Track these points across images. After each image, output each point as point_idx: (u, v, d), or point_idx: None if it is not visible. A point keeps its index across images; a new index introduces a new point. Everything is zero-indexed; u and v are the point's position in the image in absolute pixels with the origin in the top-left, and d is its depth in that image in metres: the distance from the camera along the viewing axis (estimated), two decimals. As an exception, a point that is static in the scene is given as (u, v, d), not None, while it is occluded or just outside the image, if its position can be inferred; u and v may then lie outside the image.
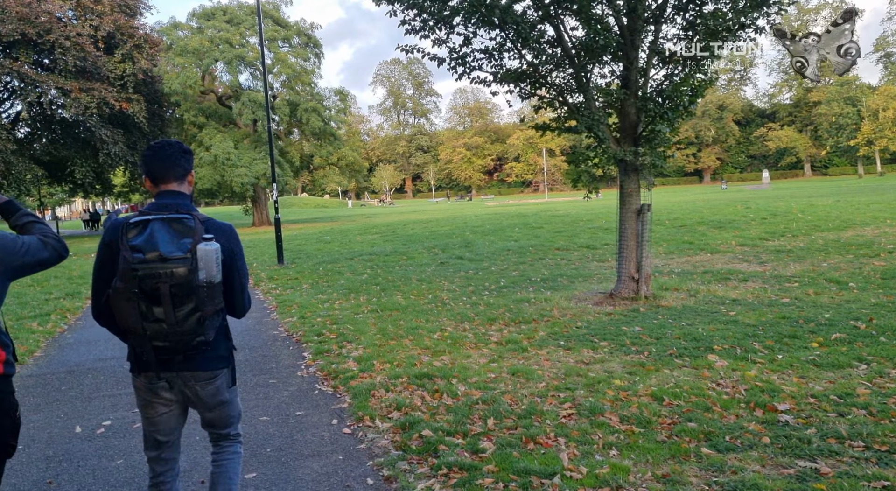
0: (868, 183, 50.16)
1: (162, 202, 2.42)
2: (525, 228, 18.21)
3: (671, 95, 7.71)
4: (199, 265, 2.26)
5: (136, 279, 2.24)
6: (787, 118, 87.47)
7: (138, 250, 2.24)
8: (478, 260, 13.37)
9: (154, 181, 2.49)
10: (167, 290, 2.24)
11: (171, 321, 2.28)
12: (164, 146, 2.51)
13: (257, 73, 40.64)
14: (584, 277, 10.52)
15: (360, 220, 34.80)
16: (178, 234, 2.29)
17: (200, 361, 2.46)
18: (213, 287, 2.31)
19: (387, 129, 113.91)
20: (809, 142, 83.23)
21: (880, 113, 66.00)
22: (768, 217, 16.22)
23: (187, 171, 2.53)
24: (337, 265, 14.03)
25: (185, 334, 2.32)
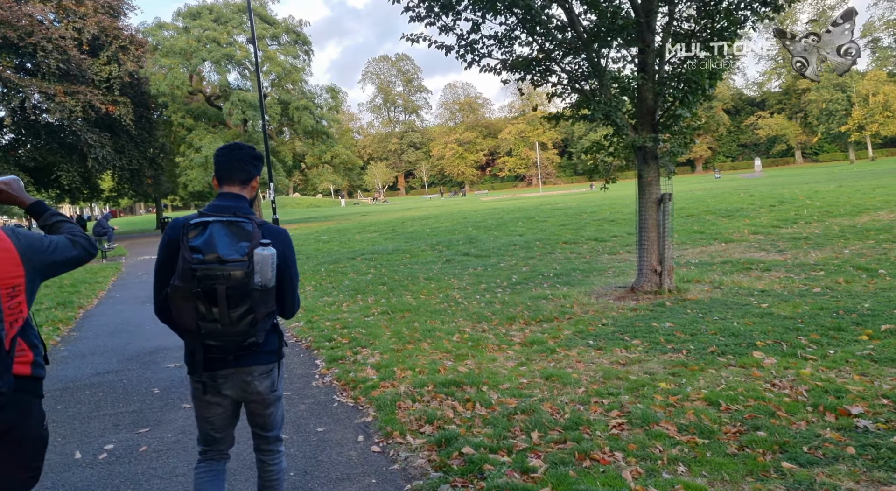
0: (861, 168, 50.07)
1: (222, 204, 2.46)
2: (529, 222, 17.84)
3: (691, 78, 7.34)
4: (256, 269, 2.30)
5: (194, 279, 2.28)
6: (776, 106, 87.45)
7: (198, 251, 2.28)
8: (485, 256, 12.99)
9: (220, 182, 2.55)
10: (224, 291, 2.28)
11: (225, 321, 2.32)
12: (235, 149, 2.55)
13: (246, 72, 40.09)
14: (599, 270, 10.16)
15: (356, 219, 34.34)
16: (237, 238, 2.33)
17: (255, 357, 2.52)
18: (267, 291, 2.37)
19: (377, 126, 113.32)
20: (799, 129, 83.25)
21: (870, 98, 66.03)
22: (776, 204, 15.91)
23: (252, 177, 2.58)
24: (339, 265, 13.62)
25: (237, 335, 2.37)
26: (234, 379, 2.52)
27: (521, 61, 8.02)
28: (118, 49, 32.76)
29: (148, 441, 4.56)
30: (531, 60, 8.02)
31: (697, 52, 7.49)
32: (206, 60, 37.14)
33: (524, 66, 8.03)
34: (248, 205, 2.57)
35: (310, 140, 39.45)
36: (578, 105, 8.08)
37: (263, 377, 2.56)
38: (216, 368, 2.49)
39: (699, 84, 7.34)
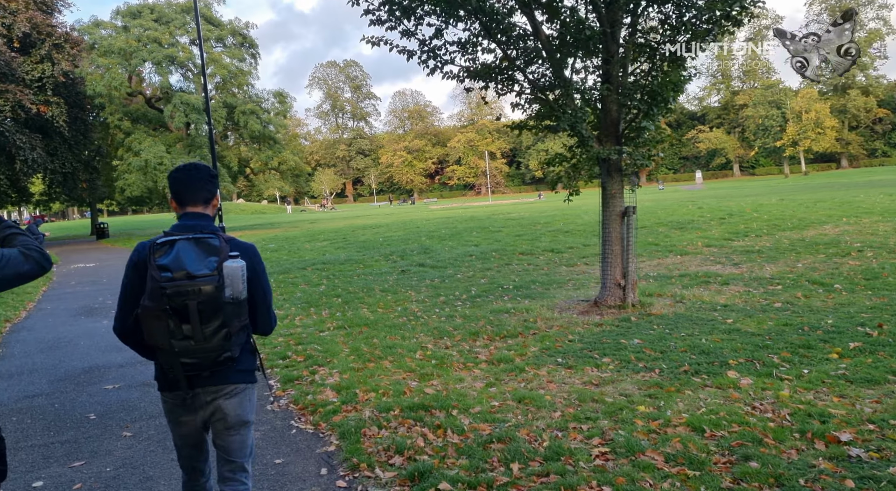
0: (795, 182, 52.23)
1: (187, 223, 2.49)
2: (483, 232, 17.70)
3: (655, 90, 7.28)
4: (226, 282, 2.32)
5: (164, 297, 2.28)
6: (716, 120, 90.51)
7: (166, 269, 2.29)
8: (441, 267, 12.74)
9: (181, 203, 2.56)
10: (195, 306, 2.29)
11: (198, 338, 2.32)
12: (193, 169, 2.59)
13: (189, 74, 38.94)
14: (558, 283, 10.03)
15: (304, 226, 33.60)
16: (205, 253, 2.35)
17: (226, 375, 2.50)
18: (239, 304, 2.38)
19: (325, 132, 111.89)
20: (737, 143, 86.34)
21: (803, 115, 68.98)
22: (726, 217, 16.22)
23: (213, 196, 2.62)
24: (289, 276, 13.13)
25: (212, 351, 2.36)
26: (203, 397, 2.51)
27: (485, 69, 7.83)
28: (52, 47, 31.19)
29: (83, 477, 4.11)
30: (494, 68, 7.83)
31: (661, 64, 7.45)
32: (147, 61, 35.91)
33: (487, 74, 7.84)
34: (213, 221, 2.59)
35: (256, 145, 38.53)
36: (542, 115, 7.93)
37: (230, 396, 2.53)
38: (190, 386, 2.47)
39: (664, 96, 7.30)
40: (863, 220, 13.60)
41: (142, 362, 7.00)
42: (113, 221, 49.91)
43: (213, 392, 2.50)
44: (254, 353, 2.65)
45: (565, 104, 7.42)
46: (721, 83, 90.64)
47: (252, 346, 2.64)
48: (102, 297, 12.59)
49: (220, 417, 2.55)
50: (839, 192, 24.33)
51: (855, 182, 38.90)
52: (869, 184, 33.10)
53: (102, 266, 19.23)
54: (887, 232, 11.81)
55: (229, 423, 2.56)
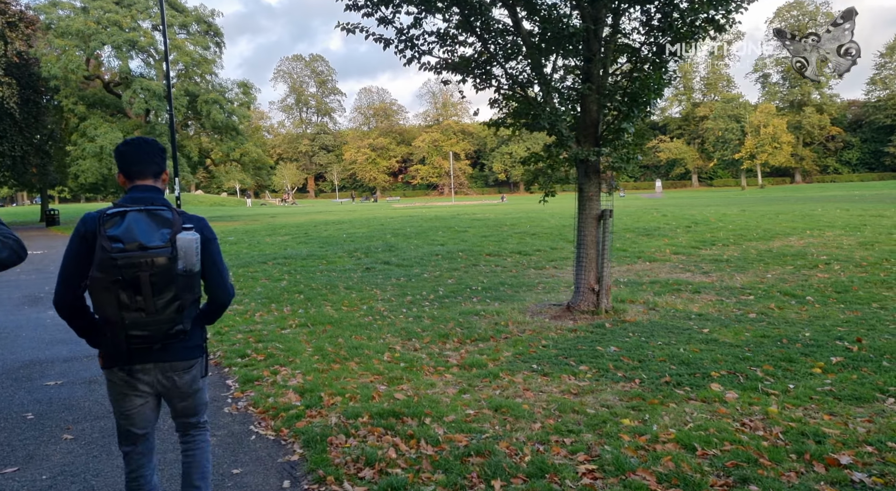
0: (752, 194, 53.42)
1: (137, 196, 2.44)
2: (449, 232, 17.42)
3: (637, 92, 7.12)
4: (180, 254, 2.31)
5: (115, 268, 2.25)
6: (676, 131, 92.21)
7: (117, 240, 2.26)
8: (406, 266, 12.42)
9: (130, 176, 2.52)
10: (147, 278, 2.27)
11: (150, 310, 2.32)
12: (143, 143, 2.56)
13: (151, 60, 37.75)
14: (527, 286, 9.82)
15: (264, 220, 32.84)
16: (158, 225, 2.33)
17: (178, 351, 2.52)
18: (192, 276, 2.38)
19: (288, 126, 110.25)
20: (697, 154, 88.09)
21: (761, 129, 70.70)
22: (691, 225, 16.29)
23: (162, 170, 2.59)
24: (249, 270, 12.64)
25: (164, 323, 2.36)
26: (155, 373, 2.51)
27: (463, 62, 7.55)
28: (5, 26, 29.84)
29: (14, 486, 3.69)
30: (473, 61, 7.57)
31: (643, 65, 7.29)
32: (107, 44, 34.61)
33: (465, 67, 7.57)
34: (163, 196, 2.54)
35: (218, 136, 37.54)
36: (519, 112, 7.70)
37: (184, 372, 2.57)
38: (138, 360, 2.47)
39: (646, 98, 7.14)
40: (826, 234, 13.77)
41: (89, 356, 6.52)
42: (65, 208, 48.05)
43: (166, 368, 2.52)
44: (202, 328, 2.67)
45: (545, 102, 7.20)
46: (682, 95, 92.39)
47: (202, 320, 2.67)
48: (49, 286, 11.90)
49: (176, 392, 2.60)
50: (797, 206, 24.83)
51: (810, 196, 39.92)
52: (823, 198, 33.96)
53: (50, 254, 18.34)
54: (851, 246, 11.94)
55: (185, 395, 2.64)
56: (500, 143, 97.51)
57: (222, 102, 36.05)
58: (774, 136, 68.29)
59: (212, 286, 2.61)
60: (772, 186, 74.64)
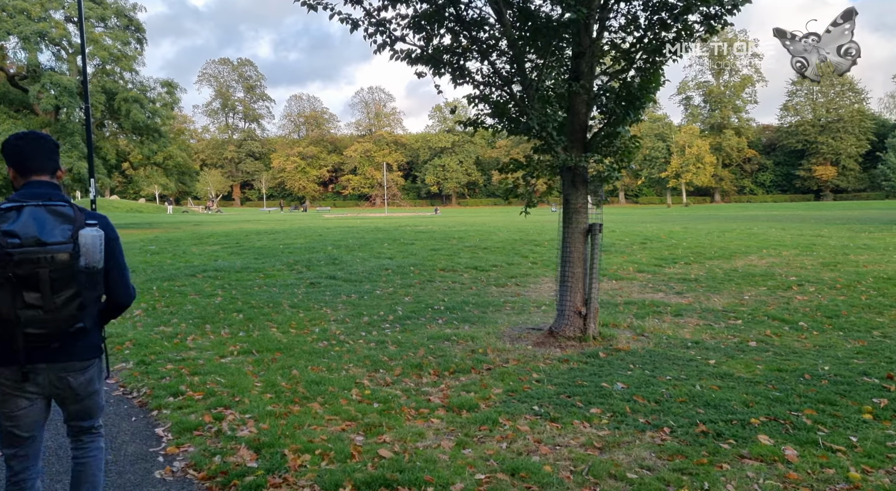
0: (679, 212, 54.82)
1: (34, 191, 2.35)
2: (395, 245, 16.41)
3: (633, 93, 6.43)
4: (82, 251, 2.25)
5: (11, 264, 2.18)
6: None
7: (13, 235, 2.20)
8: (355, 281, 11.35)
9: (24, 172, 2.42)
10: (46, 275, 2.21)
11: (49, 307, 2.24)
12: (39, 138, 2.46)
13: (63, 53, 35.07)
14: (494, 306, 8.97)
15: (188, 228, 30.80)
16: (58, 221, 2.26)
17: (75, 351, 2.42)
18: (94, 273, 2.33)
19: (213, 131, 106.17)
20: (623, 172, 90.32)
21: (686, 149, 73.18)
22: (645, 242, 15.92)
23: (58, 166, 2.50)
24: (176, 283, 11.24)
25: (63, 321, 2.28)
26: (49, 374, 2.40)
27: (437, 52, 6.66)
28: None
29: None
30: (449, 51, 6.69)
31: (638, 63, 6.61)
32: (12, 34, 31.81)
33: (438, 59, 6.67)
34: (62, 192, 2.45)
35: (138, 137, 35.10)
36: (500, 112, 6.86)
37: (80, 373, 2.47)
38: (32, 360, 2.34)
39: (641, 99, 6.46)
40: (783, 253, 13.60)
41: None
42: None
43: (60, 368, 2.41)
44: (102, 326, 2.59)
45: (530, 101, 6.40)
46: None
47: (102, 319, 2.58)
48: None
49: (70, 393, 2.48)
50: (734, 224, 25.18)
51: (735, 215, 41.16)
52: (749, 218, 34.94)
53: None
54: (815, 266, 11.72)
55: (79, 397, 2.52)
56: (433, 155, 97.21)
57: (143, 102, 33.75)
58: (698, 156, 70.82)
59: (113, 286, 2.52)
60: (695, 205, 77.30)
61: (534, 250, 14.83)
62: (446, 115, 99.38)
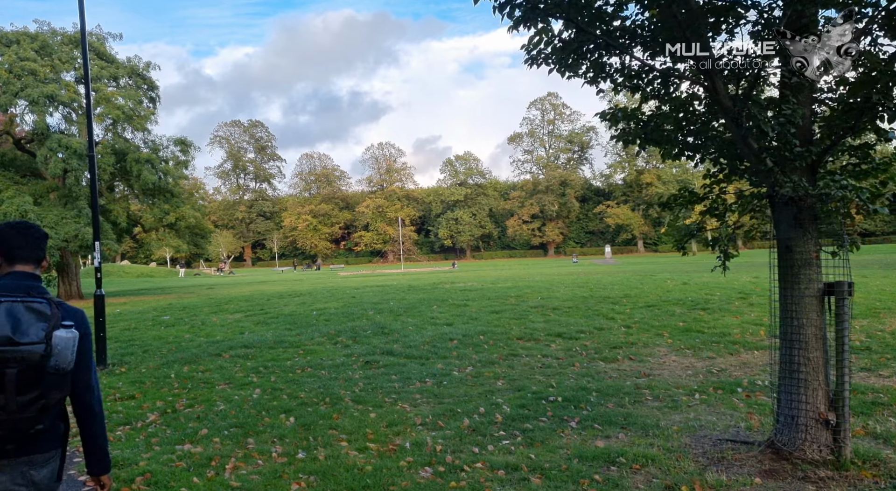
0: (706, 259, 52.45)
1: (15, 283, 2.30)
2: (445, 307, 14.19)
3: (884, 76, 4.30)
4: (55, 351, 2.17)
5: None
6: (621, 197, 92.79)
7: None
8: (420, 358, 9.12)
9: (10, 260, 2.37)
10: (13, 375, 2.10)
11: (10, 408, 2.11)
12: (28, 227, 2.44)
13: (72, 114, 33.85)
14: (628, 395, 6.70)
15: (202, 293, 28.76)
16: (34, 318, 2.19)
17: (35, 444, 2.26)
18: (63, 375, 2.21)
19: (225, 193, 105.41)
20: (642, 220, 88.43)
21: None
22: (736, 297, 13.63)
23: (43, 257, 2.46)
24: (199, 368, 9.04)
25: (23, 422, 2.16)
26: (9, 470, 2.23)
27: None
28: None
29: None
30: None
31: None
32: (21, 97, 30.59)
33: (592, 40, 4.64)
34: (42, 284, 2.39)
35: (150, 199, 33.43)
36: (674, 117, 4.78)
37: (41, 467, 2.28)
38: None
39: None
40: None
41: None
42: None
43: (23, 463, 2.24)
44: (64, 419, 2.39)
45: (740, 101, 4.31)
46: (626, 161, 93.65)
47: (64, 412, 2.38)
48: None
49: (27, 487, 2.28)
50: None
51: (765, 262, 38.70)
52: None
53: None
54: None
55: None
56: (445, 208, 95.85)
57: (155, 162, 32.17)
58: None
59: (77, 386, 2.33)
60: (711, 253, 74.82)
61: (615, 309, 12.58)
62: (458, 168, 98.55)
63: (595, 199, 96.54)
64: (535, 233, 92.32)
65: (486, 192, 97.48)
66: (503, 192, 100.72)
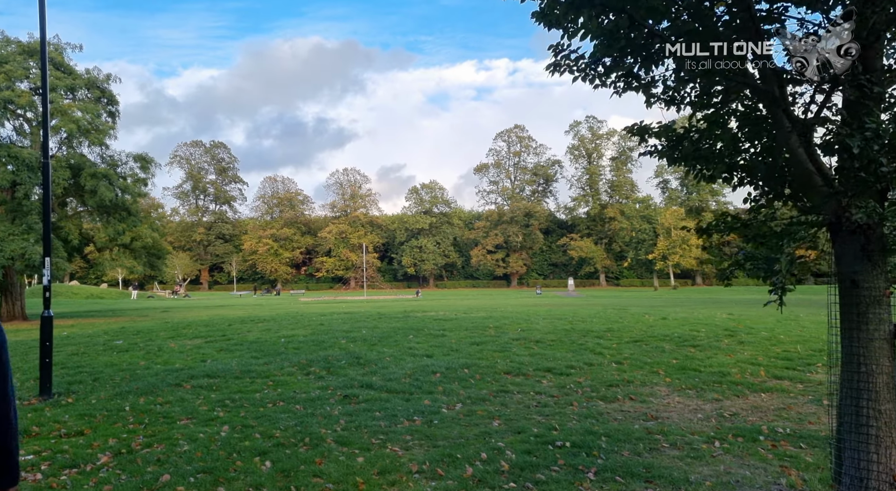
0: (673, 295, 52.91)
1: None
2: (422, 336, 13.47)
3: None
4: None
5: None
6: (585, 230, 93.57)
7: None
8: (403, 392, 8.38)
9: None
10: None
11: None
12: None
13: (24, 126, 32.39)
14: (642, 442, 6.11)
15: (157, 316, 27.38)
16: None
17: None
18: None
19: (183, 214, 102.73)
20: (605, 254, 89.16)
21: (673, 231, 72.28)
22: (722, 334, 13.27)
23: None
24: (157, 399, 8.13)
25: None
26: None
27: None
28: None
29: None
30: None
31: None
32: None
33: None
34: None
35: (105, 216, 31.94)
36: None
37: None
38: None
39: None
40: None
41: None
42: None
43: None
44: None
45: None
46: (589, 196, 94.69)
47: None
48: None
49: None
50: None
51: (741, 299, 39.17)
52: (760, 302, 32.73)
53: None
54: None
55: None
56: (410, 236, 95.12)
57: (113, 178, 30.82)
58: (684, 238, 69.81)
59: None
60: (684, 287, 75.77)
61: (601, 344, 12.06)
62: (423, 196, 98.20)
63: (558, 232, 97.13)
64: (498, 263, 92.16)
65: (450, 221, 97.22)
66: (468, 221, 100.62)
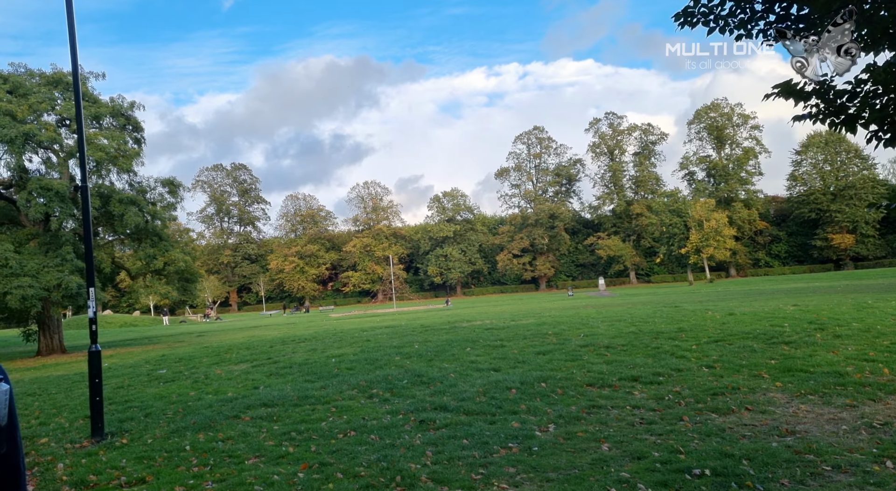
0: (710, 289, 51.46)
1: None
2: (480, 348, 12.68)
3: None
4: None
5: None
6: (612, 228, 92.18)
7: None
8: (483, 413, 7.60)
9: None
10: None
11: None
12: None
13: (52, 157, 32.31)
14: (783, 459, 5.26)
15: (192, 341, 26.94)
16: None
17: None
18: None
19: (208, 237, 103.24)
20: (633, 251, 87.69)
21: (704, 224, 70.73)
22: (819, 327, 12.29)
23: None
24: (217, 435, 7.44)
25: None
26: None
27: None
28: None
29: None
30: None
31: None
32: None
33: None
34: None
35: (136, 243, 31.73)
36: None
37: None
38: None
39: None
40: None
41: None
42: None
43: None
44: None
45: None
46: (614, 193, 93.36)
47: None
48: None
49: None
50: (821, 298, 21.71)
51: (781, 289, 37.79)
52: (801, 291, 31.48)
53: None
54: None
55: None
56: (434, 245, 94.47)
57: (142, 204, 30.61)
58: (717, 229, 68.26)
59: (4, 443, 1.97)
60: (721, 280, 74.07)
61: (679, 346, 11.16)
62: (445, 204, 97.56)
63: (584, 232, 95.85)
64: (525, 267, 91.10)
65: (474, 228, 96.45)
66: (491, 226, 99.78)
